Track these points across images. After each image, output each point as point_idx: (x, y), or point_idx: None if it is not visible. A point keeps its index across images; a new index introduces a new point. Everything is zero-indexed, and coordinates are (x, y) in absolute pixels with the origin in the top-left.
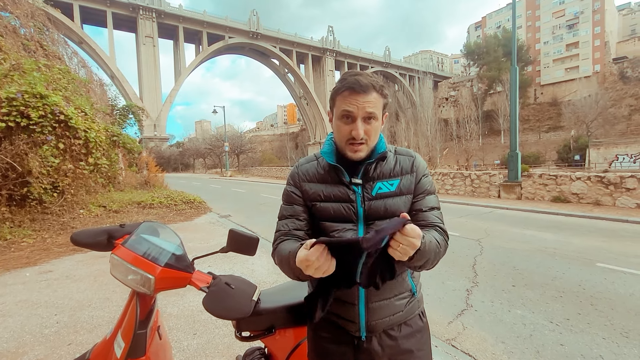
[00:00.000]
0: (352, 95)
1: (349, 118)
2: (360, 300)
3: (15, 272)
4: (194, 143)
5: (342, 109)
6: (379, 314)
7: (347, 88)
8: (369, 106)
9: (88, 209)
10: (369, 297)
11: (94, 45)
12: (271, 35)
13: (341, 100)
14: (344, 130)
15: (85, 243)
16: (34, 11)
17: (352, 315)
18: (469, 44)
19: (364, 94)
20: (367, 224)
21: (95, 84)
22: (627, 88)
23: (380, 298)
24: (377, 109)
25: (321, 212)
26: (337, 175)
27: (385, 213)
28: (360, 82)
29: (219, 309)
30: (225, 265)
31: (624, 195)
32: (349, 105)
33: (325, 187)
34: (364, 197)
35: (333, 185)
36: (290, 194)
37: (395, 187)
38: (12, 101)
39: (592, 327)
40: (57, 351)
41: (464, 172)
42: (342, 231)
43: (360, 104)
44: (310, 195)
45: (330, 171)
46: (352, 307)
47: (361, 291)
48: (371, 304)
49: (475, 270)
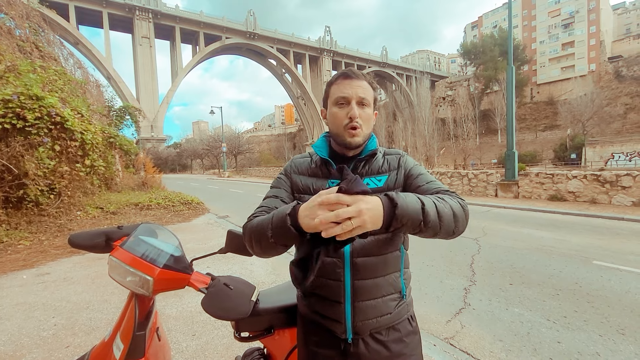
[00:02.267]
0: (345, 80)
1: (343, 103)
2: (346, 298)
3: (12, 274)
4: (191, 144)
5: (337, 95)
6: (366, 314)
7: (341, 75)
8: (361, 91)
9: (85, 211)
10: (356, 295)
11: (90, 46)
12: (268, 35)
13: (335, 88)
14: (340, 115)
15: (83, 245)
16: (29, 12)
17: (337, 315)
18: (465, 44)
19: (356, 79)
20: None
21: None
22: (623, 87)
23: (367, 297)
24: (369, 96)
25: None
26: (328, 169)
27: None
28: (352, 70)
29: (218, 309)
30: (224, 266)
31: (620, 193)
32: (343, 90)
33: (315, 181)
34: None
35: (323, 179)
36: (279, 180)
37: (383, 183)
38: (8, 103)
39: (588, 324)
40: (55, 354)
41: (461, 172)
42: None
43: (354, 88)
44: (300, 188)
45: (322, 166)
46: (337, 306)
47: (347, 289)
48: (358, 302)
49: (473, 269)
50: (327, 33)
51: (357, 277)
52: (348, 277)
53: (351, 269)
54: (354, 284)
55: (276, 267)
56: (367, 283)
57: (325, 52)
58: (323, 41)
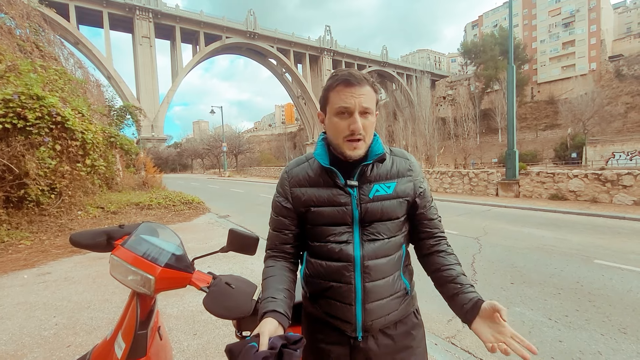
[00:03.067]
0: (347, 88)
1: (345, 113)
2: (357, 300)
3: (13, 274)
4: (191, 143)
5: (338, 105)
6: (375, 314)
7: (342, 81)
8: (364, 100)
9: (86, 211)
10: (366, 297)
11: (90, 46)
12: (268, 35)
13: (335, 96)
14: (340, 127)
15: (84, 244)
16: (29, 12)
17: (348, 316)
18: (466, 43)
19: (359, 86)
20: (362, 226)
21: (92, 85)
22: (623, 86)
23: (376, 298)
24: (372, 103)
25: (315, 217)
26: (331, 178)
27: (382, 216)
28: (353, 74)
29: (220, 308)
30: (224, 265)
31: (621, 192)
32: (344, 99)
33: (317, 191)
34: (360, 199)
35: (326, 188)
36: (277, 204)
37: (392, 189)
38: (9, 102)
39: (590, 323)
40: (57, 353)
41: (461, 171)
42: (338, 235)
43: (357, 97)
44: (303, 201)
45: (323, 174)
46: (348, 308)
47: (358, 291)
48: (368, 304)
49: (474, 268)
50: (328, 32)
51: (367, 280)
52: (359, 280)
53: (361, 272)
54: (364, 287)
55: None
56: (376, 285)
57: (325, 51)
58: (323, 41)
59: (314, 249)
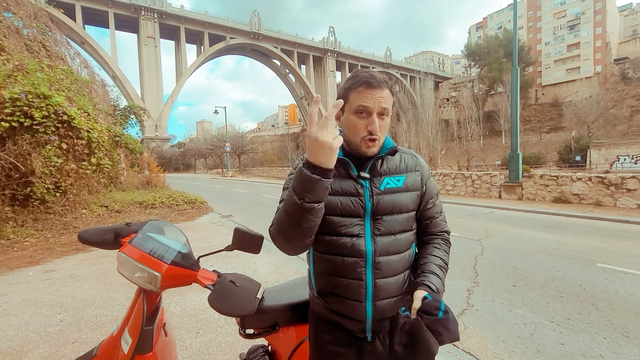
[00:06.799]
0: (368, 89)
1: (363, 113)
2: (367, 297)
3: (18, 271)
4: (195, 143)
5: (358, 104)
6: (385, 312)
7: (363, 82)
8: (383, 101)
9: (90, 209)
10: (377, 294)
11: (96, 46)
12: (272, 35)
13: (356, 96)
14: (359, 126)
15: (92, 241)
16: (36, 12)
17: (358, 314)
18: (470, 45)
19: (379, 89)
20: (374, 219)
21: (97, 85)
22: (629, 89)
23: (387, 296)
24: (390, 105)
25: (328, 206)
26: (345, 169)
27: (393, 208)
28: (375, 77)
29: (224, 306)
30: (228, 264)
31: (625, 196)
32: (365, 100)
33: (332, 180)
34: (372, 191)
35: (340, 179)
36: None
37: (402, 183)
38: (16, 101)
39: (592, 326)
40: (61, 349)
41: (464, 173)
42: (350, 226)
43: (377, 99)
44: None
45: (337, 165)
46: (358, 305)
47: (369, 288)
48: (378, 301)
49: (476, 270)
50: (331, 33)
51: (378, 276)
52: (370, 277)
53: (373, 268)
54: (375, 283)
55: (279, 266)
56: (387, 282)
57: (329, 52)
58: (327, 42)
59: (324, 244)
